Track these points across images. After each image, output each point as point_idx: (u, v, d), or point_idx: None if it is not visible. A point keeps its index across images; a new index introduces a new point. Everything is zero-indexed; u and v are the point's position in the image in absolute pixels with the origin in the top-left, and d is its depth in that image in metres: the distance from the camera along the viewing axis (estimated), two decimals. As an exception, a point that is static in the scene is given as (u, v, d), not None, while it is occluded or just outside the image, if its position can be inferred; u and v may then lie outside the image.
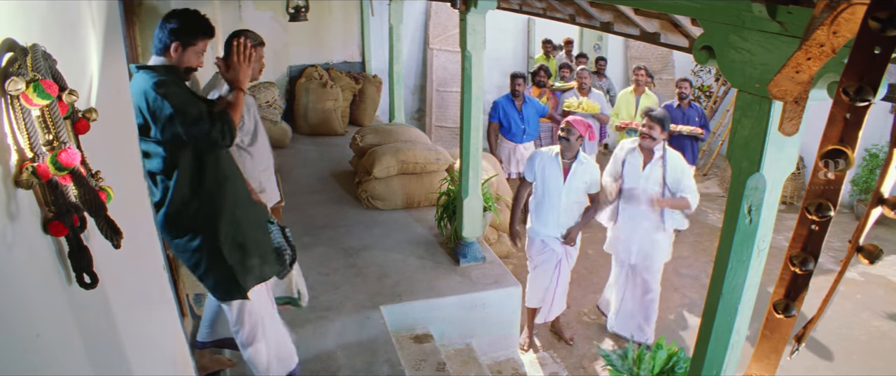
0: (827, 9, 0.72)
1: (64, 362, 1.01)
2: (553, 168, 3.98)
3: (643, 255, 4.18)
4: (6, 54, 0.90)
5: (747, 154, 1.60)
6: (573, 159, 3.95)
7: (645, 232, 4.11)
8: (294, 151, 6.85)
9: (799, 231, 0.72)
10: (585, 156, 4.05)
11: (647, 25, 2.57)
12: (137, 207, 1.88)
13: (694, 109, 6.10)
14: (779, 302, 0.75)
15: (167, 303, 2.11)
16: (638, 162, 4.08)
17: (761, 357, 0.84)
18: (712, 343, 1.88)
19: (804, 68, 0.79)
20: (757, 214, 1.65)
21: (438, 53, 8.86)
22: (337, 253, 4.39)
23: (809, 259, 0.72)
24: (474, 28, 3.73)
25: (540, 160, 4.04)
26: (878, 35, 0.61)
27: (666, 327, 4.68)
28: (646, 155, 4.06)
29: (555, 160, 3.97)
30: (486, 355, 4.02)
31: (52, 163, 0.92)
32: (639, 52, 9.47)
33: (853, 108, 0.64)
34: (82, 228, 1.04)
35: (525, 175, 4.17)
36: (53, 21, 1.18)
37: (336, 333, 3.48)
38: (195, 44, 2.27)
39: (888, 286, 5.32)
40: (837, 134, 0.66)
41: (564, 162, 3.97)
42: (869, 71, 0.63)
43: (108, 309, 1.28)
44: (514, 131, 5.95)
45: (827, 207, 0.69)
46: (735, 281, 1.76)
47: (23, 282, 0.90)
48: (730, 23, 1.54)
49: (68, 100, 1.00)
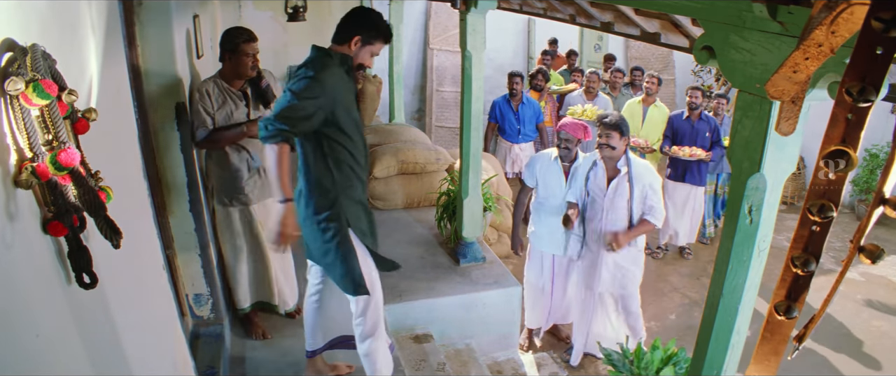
0: (825, 9, 0.72)
1: (64, 362, 1.01)
2: (554, 172, 3.95)
3: (614, 282, 3.78)
4: (6, 54, 0.90)
5: (748, 154, 1.60)
6: (572, 162, 3.94)
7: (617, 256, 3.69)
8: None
9: (800, 232, 0.72)
10: (583, 155, 4.03)
11: (648, 25, 2.56)
12: (137, 207, 1.88)
13: (706, 122, 5.34)
14: (780, 304, 0.75)
15: (167, 303, 2.11)
16: (601, 178, 3.67)
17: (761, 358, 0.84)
18: (712, 343, 1.87)
19: (802, 68, 0.78)
20: (757, 214, 1.65)
21: (438, 53, 8.85)
22: (337, 253, 4.39)
23: (811, 260, 0.71)
24: (474, 28, 3.73)
25: (540, 165, 4.00)
26: (880, 35, 0.61)
27: (666, 327, 4.68)
28: (610, 169, 3.64)
29: (555, 164, 3.94)
30: (486, 355, 4.02)
31: (52, 162, 0.92)
32: (639, 53, 9.47)
33: (855, 109, 0.64)
34: (82, 228, 1.04)
35: (525, 180, 4.12)
36: (53, 21, 1.18)
37: (336, 333, 3.48)
38: (373, 44, 2.42)
39: (889, 286, 5.32)
40: (839, 134, 0.65)
41: (564, 165, 3.94)
42: (871, 71, 0.63)
43: (108, 309, 1.28)
44: (509, 132, 5.94)
45: (828, 208, 0.69)
46: (735, 281, 1.76)
47: (22, 281, 0.90)
48: (730, 23, 1.54)
49: (68, 100, 1.00)
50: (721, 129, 5.43)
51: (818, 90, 1.41)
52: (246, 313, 3.42)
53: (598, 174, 3.66)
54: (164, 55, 2.74)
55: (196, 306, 3.18)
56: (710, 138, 5.28)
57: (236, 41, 2.92)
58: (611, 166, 3.62)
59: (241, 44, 2.92)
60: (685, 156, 5.23)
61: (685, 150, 5.26)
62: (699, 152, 5.23)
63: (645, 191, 3.58)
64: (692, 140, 5.34)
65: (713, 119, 5.41)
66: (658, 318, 4.79)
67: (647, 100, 5.90)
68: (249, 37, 2.95)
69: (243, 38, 2.93)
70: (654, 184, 3.61)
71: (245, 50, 2.92)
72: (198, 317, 3.20)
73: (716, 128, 5.33)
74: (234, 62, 2.96)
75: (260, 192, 3.20)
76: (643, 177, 3.57)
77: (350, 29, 2.37)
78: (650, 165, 3.69)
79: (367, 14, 2.42)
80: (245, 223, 3.23)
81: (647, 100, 5.90)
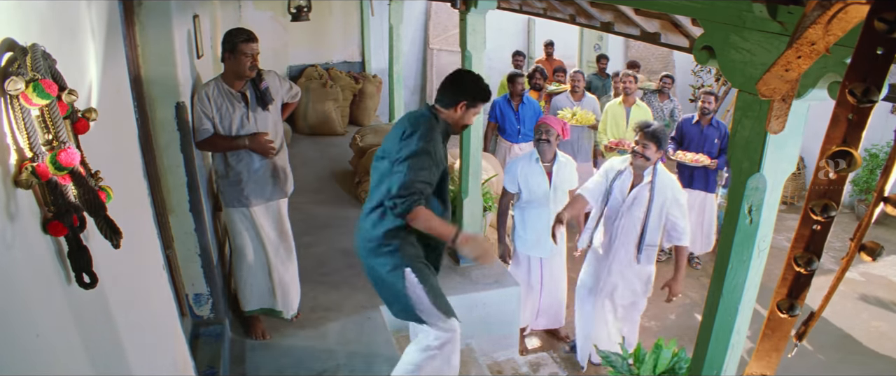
0: (819, 7, 0.72)
1: (64, 362, 1.01)
2: (536, 173, 3.90)
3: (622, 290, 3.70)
4: (6, 54, 0.90)
5: (748, 154, 1.60)
6: (553, 161, 3.90)
7: (623, 264, 3.62)
8: (294, 151, 6.83)
9: (802, 231, 0.72)
10: (562, 154, 3.99)
11: (648, 25, 2.57)
12: (137, 207, 1.88)
13: (715, 128, 5.18)
14: (782, 302, 0.75)
15: (167, 303, 2.11)
16: (626, 184, 3.55)
17: (762, 355, 0.84)
18: (712, 343, 1.87)
19: (794, 66, 0.79)
20: (757, 214, 1.65)
21: (438, 53, 8.86)
22: (337, 253, 4.39)
23: (813, 258, 0.72)
24: (474, 28, 3.73)
25: (520, 168, 3.92)
26: (881, 36, 0.61)
27: (666, 327, 4.68)
28: (636, 177, 3.53)
29: (536, 165, 3.88)
30: (486, 355, 4.02)
31: (52, 162, 0.92)
32: (639, 53, 9.47)
33: (857, 109, 0.64)
34: (82, 228, 1.04)
35: (507, 186, 4.00)
36: (53, 21, 1.18)
37: (336, 333, 3.48)
38: (476, 107, 2.59)
39: (889, 286, 5.32)
40: (841, 135, 0.65)
41: (545, 165, 3.90)
42: (872, 71, 0.63)
43: (108, 309, 1.28)
44: (509, 131, 5.94)
45: (830, 207, 0.69)
46: (735, 281, 1.76)
47: (22, 281, 0.90)
48: (730, 23, 1.54)
49: (68, 100, 1.00)
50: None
51: (818, 90, 1.41)
52: (250, 314, 3.42)
53: (624, 180, 3.55)
54: (164, 55, 2.74)
55: (196, 306, 3.18)
56: (719, 145, 5.13)
57: (235, 41, 2.92)
58: (638, 174, 3.52)
59: (239, 44, 2.92)
60: (688, 162, 5.11)
61: (689, 156, 5.14)
62: (703, 158, 5.08)
63: (665, 205, 3.47)
64: (700, 145, 5.20)
65: (723, 125, 5.25)
66: (658, 318, 4.79)
67: (628, 101, 5.74)
68: (248, 37, 2.95)
69: (242, 38, 2.93)
70: (677, 198, 3.50)
71: (243, 50, 2.92)
72: (198, 317, 3.20)
73: (725, 135, 5.14)
74: (232, 62, 2.96)
75: (260, 195, 3.20)
76: (665, 191, 3.47)
77: (456, 94, 2.55)
78: (676, 180, 3.59)
79: (469, 78, 2.61)
80: (246, 225, 3.23)
81: (628, 101, 5.74)
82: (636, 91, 5.99)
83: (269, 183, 3.20)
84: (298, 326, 3.51)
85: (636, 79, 5.72)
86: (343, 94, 7.56)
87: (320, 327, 3.52)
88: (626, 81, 5.68)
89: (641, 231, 3.52)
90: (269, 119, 3.14)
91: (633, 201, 3.50)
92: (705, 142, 5.18)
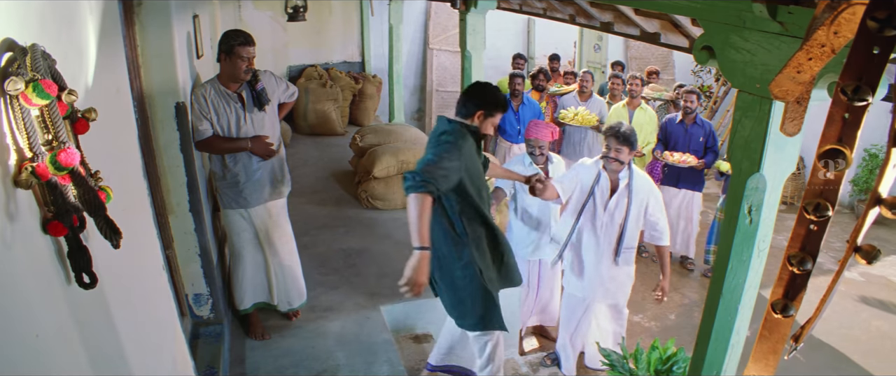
0: (828, 9, 0.72)
1: (64, 362, 1.01)
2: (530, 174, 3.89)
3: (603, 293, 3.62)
4: (6, 54, 0.90)
5: (748, 154, 1.60)
6: (546, 163, 3.85)
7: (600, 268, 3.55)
8: (294, 151, 6.85)
9: (797, 230, 0.72)
10: (554, 155, 3.95)
11: (648, 25, 2.57)
12: (137, 207, 1.88)
13: (700, 127, 5.11)
14: (777, 302, 0.75)
15: (167, 303, 2.11)
16: (605, 189, 3.45)
17: (760, 357, 0.84)
18: (712, 343, 1.88)
19: (805, 68, 0.78)
20: (757, 214, 1.65)
21: (438, 53, 8.86)
22: (337, 253, 4.39)
23: (808, 259, 0.72)
24: (474, 28, 3.73)
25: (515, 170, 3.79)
26: (876, 35, 0.61)
27: (666, 327, 4.68)
28: (613, 180, 3.44)
29: (531, 169, 3.80)
30: (486, 355, 4.01)
31: (52, 162, 0.92)
32: (639, 53, 9.47)
33: (851, 108, 0.64)
34: (82, 228, 1.04)
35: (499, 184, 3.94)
36: (52, 21, 1.18)
37: (336, 333, 3.48)
38: (494, 116, 2.69)
39: (888, 286, 5.31)
40: (836, 134, 0.66)
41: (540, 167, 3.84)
42: (867, 71, 0.63)
43: (108, 309, 1.28)
44: (509, 131, 5.94)
45: (825, 207, 0.69)
46: (735, 281, 1.76)
47: (22, 281, 0.90)
48: (730, 23, 1.54)
49: (68, 100, 1.00)
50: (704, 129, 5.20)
51: (818, 90, 1.42)
52: (246, 313, 3.43)
53: (602, 185, 3.46)
54: (164, 55, 2.74)
55: (196, 306, 3.18)
56: (704, 143, 5.08)
57: (231, 43, 2.92)
58: (614, 180, 3.46)
59: (235, 46, 2.91)
60: (675, 162, 5.05)
61: (675, 156, 5.08)
62: (690, 159, 5.03)
63: (643, 205, 3.44)
64: (686, 145, 5.16)
65: (708, 123, 5.20)
66: (658, 318, 4.79)
67: (633, 104, 5.70)
68: (245, 40, 2.94)
69: (238, 40, 2.92)
70: (654, 198, 3.47)
71: (239, 53, 2.91)
72: (198, 317, 3.21)
73: (711, 133, 5.11)
74: (228, 64, 2.96)
75: (258, 196, 3.20)
76: (641, 191, 3.43)
77: (474, 105, 2.65)
78: (649, 179, 3.55)
79: (486, 90, 2.70)
80: (245, 226, 3.23)
81: (633, 104, 5.70)
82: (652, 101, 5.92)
83: (267, 184, 3.21)
84: (298, 326, 3.51)
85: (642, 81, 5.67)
86: (343, 94, 7.57)
87: (320, 327, 3.52)
88: (631, 84, 5.66)
89: (620, 233, 3.48)
90: (266, 120, 3.14)
91: (616, 207, 3.45)
92: (691, 141, 5.13)
